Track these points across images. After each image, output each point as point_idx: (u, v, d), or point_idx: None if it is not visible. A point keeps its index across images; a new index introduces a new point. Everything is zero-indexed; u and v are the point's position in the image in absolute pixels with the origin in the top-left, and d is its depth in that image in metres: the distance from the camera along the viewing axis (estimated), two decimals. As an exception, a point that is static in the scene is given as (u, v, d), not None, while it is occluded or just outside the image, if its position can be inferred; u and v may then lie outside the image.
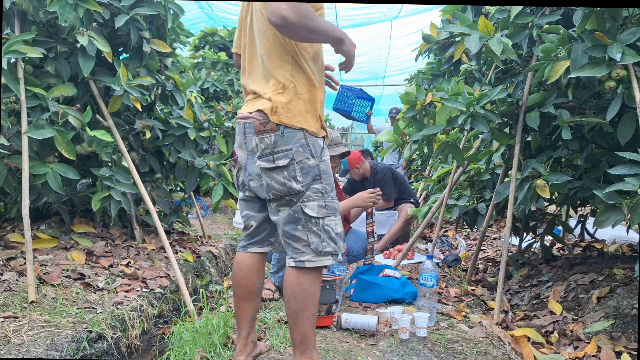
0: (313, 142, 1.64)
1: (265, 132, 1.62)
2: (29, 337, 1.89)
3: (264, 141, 1.62)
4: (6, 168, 2.55)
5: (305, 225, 1.63)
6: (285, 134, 1.61)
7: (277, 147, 1.62)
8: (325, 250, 1.63)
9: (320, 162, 1.65)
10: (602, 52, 2.17)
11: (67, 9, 2.61)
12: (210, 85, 6.51)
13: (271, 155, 1.62)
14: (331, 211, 1.65)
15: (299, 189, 1.61)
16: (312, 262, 1.63)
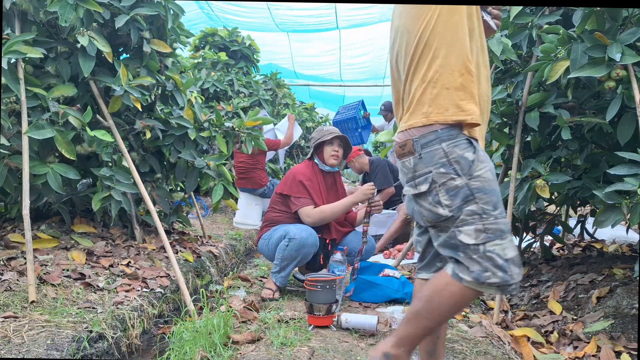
0: (457, 157, 1.43)
1: (404, 156, 1.50)
2: (30, 337, 1.90)
3: (405, 165, 1.51)
4: (6, 168, 2.55)
5: (465, 252, 1.41)
6: (424, 156, 1.45)
7: (416, 170, 1.47)
8: (489, 281, 1.38)
9: (471, 180, 1.41)
10: (601, 52, 2.18)
11: (68, 9, 2.62)
12: (210, 85, 6.52)
13: (413, 181, 1.49)
14: (495, 234, 1.39)
15: (447, 214, 1.42)
16: (470, 284, 1.41)
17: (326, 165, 3.00)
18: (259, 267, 3.71)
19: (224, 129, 3.64)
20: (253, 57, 7.74)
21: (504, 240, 1.39)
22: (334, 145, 2.99)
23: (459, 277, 1.41)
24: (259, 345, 2.05)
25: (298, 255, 2.73)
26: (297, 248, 2.71)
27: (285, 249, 2.73)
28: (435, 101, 1.45)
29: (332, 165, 3.02)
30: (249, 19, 8.39)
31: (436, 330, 1.60)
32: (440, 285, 1.45)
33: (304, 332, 2.19)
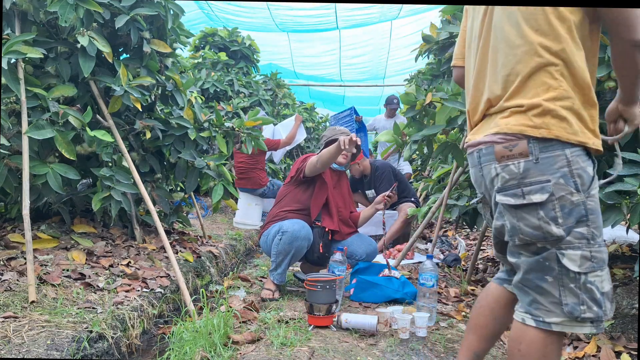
0: (579, 169, 1.26)
1: (511, 158, 1.30)
2: (30, 337, 1.90)
3: (509, 169, 1.31)
4: (6, 168, 2.55)
5: (558, 278, 1.27)
6: (541, 160, 1.27)
7: (527, 177, 1.28)
8: (584, 316, 1.24)
9: (588, 198, 1.27)
10: (601, 52, 2.17)
11: (68, 10, 2.62)
12: (210, 85, 6.52)
13: (519, 188, 1.29)
14: (598, 264, 1.26)
15: (560, 234, 1.26)
16: (563, 326, 1.27)
17: (334, 163, 3.05)
18: (259, 267, 3.71)
19: (224, 129, 3.64)
20: (253, 57, 7.75)
21: (604, 272, 1.27)
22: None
23: (547, 324, 1.27)
24: (259, 346, 2.05)
25: (291, 248, 2.74)
26: (289, 241, 2.73)
27: (279, 243, 2.76)
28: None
29: (340, 163, 3.07)
30: (249, 19, 8.39)
31: (489, 335, 1.52)
32: (530, 339, 1.29)
33: (304, 332, 2.19)
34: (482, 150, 1.37)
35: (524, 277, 1.33)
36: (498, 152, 1.32)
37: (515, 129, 1.30)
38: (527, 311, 1.32)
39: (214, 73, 6.78)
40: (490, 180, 1.37)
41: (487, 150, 1.35)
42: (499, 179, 1.33)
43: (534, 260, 1.30)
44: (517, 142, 1.29)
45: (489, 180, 1.37)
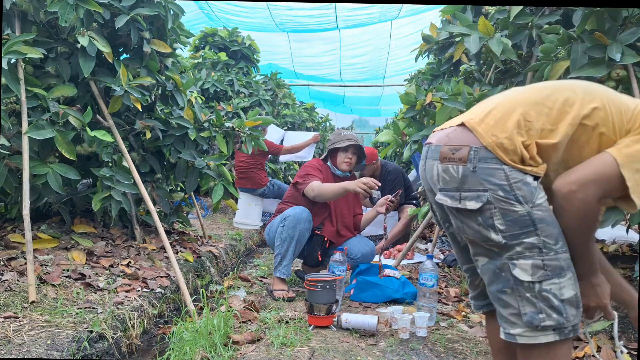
0: (518, 181, 1.28)
1: (451, 161, 1.33)
2: (30, 337, 1.90)
3: (449, 172, 1.34)
4: (7, 168, 2.55)
5: (514, 289, 1.29)
6: (478, 170, 1.29)
7: (464, 183, 1.32)
8: (544, 324, 1.26)
9: (534, 208, 1.28)
10: (601, 53, 2.18)
11: (68, 10, 2.62)
12: (210, 85, 6.52)
13: (458, 192, 1.32)
14: (554, 272, 1.26)
15: (499, 240, 1.28)
16: (526, 338, 1.28)
17: (338, 169, 3.04)
18: (259, 267, 3.71)
19: (224, 129, 3.64)
20: (253, 57, 7.74)
21: (562, 279, 1.27)
22: (348, 152, 3.01)
23: (512, 335, 1.30)
24: (259, 346, 2.05)
25: (295, 232, 2.75)
26: (292, 225, 2.74)
27: (282, 230, 2.78)
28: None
29: (343, 170, 3.04)
30: (249, 19, 8.39)
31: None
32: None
33: (304, 332, 2.19)
34: (432, 147, 1.40)
35: (489, 291, 1.36)
36: (442, 153, 1.35)
37: (462, 137, 1.34)
38: (500, 325, 1.36)
39: (214, 73, 6.78)
40: (431, 177, 1.40)
41: (435, 148, 1.38)
42: (440, 179, 1.36)
43: (491, 268, 1.33)
44: (459, 147, 1.32)
45: (430, 177, 1.41)
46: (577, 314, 1.28)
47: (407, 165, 6.97)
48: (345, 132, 3.10)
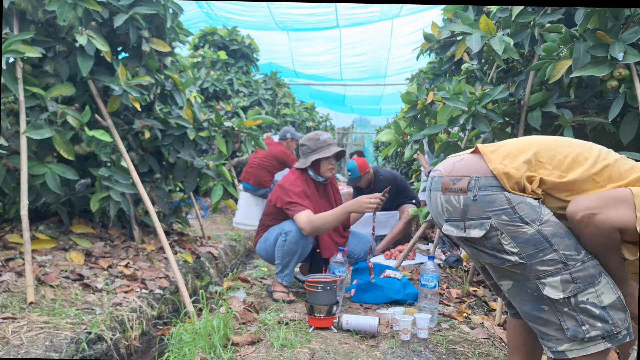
0: (520, 202, 1.31)
1: (452, 192, 1.37)
2: (28, 338, 1.88)
3: (451, 202, 1.37)
4: (5, 168, 2.54)
5: (552, 305, 1.28)
6: (479, 198, 1.32)
7: (467, 212, 1.34)
8: (590, 335, 1.24)
9: (542, 226, 1.29)
10: (604, 52, 2.16)
11: (66, 8, 2.60)
12: (209, 84, 6.51)
13: (462, 222, 1.36)
14: (585, 282, 1.25)
15: (516, 260, 1.29)
16: (576, 352, 1.26)
17: (321, 177, 2.88)
18: (258, 268, 3.70)
19: (223, 128, 3.63)
20: (253, 56, 7.73)
21: (598, 286, 1.25)
22: (330, 158, 2.84)
23: (561, 352, 1.27)
24: (259, 347, 2.04)
25: (297, 247, 2.69)
26: (295, 240, 2.67)
27: (284, 244, 2.70)
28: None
29: (327, 177, 2.89)
30: (248, 18, 8.38)
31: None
32: None
33: (305, 334, 2.18)
34: (435, 178, 1.43)
35: (523, 311, 1.35)
36: (443, 183, 1.38)
37: (466, 168, 1.38)
38: (544, 344, 1.35)
39: (213, 72, 6.76)
40: (435, 207, 1.43)
41: (437, 179, 1.42)
42: (444, 209, 1.39)
43: (522, 292, 1.33)
44: (460, 178, 1.35)
45: (435, 207, 1.43)
46: (626, 317, 1.26)
47: (409, 165, 6.95)
48: (324, 136, 2.87)
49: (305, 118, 9.17)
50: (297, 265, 3.24)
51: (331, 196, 3.00)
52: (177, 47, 3.57)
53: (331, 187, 3.03)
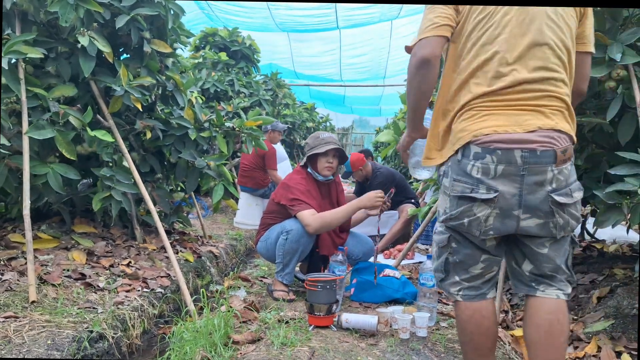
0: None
1: (565, 162, 1.46)
2: (30, 337, 1.90)
3: (563, 172, 1.47)
4: (7, 168, 2.55)
5: (567, 257, 1.55)
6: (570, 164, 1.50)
7: (570, 177, 1.50)
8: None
9: None
10: (602, 52, 2.17)
11: (68, 10, 2.62)
12: (210, 85, 6.52)
13: (567, 188, 1.47)
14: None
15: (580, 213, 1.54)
16: (569, 295, 1.57)
17: (319, 175, 2.89)
18: (259, 267, 3.71)
19: (224, 129, 3.64)
20: (253, 57, 7.75)
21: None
22: (328, 156, 2.85)
23: (568, 294, 1.54)
24: (259, 345, 2.05)
25: (299, 246, 2.70)
26: (296, 239, 2.68)
27: (284, 243, 2.71)
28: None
29: (325, 176, 2.90)
30: (249, 19, 8.40)
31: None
32: (565, 312, 1.52)
33: (305, 332, 2.19)
34: (537, 152, 1.42)
35: (556, 265, 1.52)
36: (558, 156, 1.43)
37: (563, 136, 1.48)
38: (559, 288, 1.54)
39: (214, 73, 6.78)
40: (535, 182, 1.44)
41: (543, 153, 1.43)
42: (554, 180, 1.44)
43: (561, 247, 1.52)
44: (566, 148, 1.45)
45: (534, 182, 1.44)
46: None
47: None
48: (324, 135, 2.92)
49: (305, 119, 9.19)
50: (297, 265, 3.25)
51: (334, 196, 3.00)
52: (179, 48, 3.59)
53: (335, 188, 3.03)
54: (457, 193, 1.50)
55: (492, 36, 1.49)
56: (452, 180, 1.53)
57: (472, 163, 1.47)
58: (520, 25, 1.48)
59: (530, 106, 1.46)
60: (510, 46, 1.47)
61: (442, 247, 1.61)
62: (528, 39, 1.47)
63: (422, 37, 1.53)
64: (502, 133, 1.43)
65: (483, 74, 1.50)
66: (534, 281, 1.56)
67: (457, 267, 1.59)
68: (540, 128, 1.43)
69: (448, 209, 1.56)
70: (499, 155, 1.43)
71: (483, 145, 1.45)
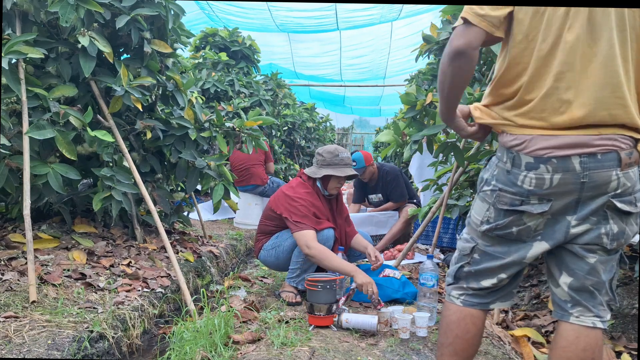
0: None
1: (631, 166, 1.34)
2: (30, 336, 1.90)
3: (630, 177, 1.34)
4: (7, 168, 2.56)
5: (613, 277, 1.41)
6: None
7: (637, 184, 1.36)
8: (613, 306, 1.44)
9: None
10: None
11: (68, 10, 2.62)
12: (211, 85, 6.53)
13: (632, 196, 1.35)
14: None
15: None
16: (607, 323, 1.41)
17: (326, 191, 2.87)
18: (259, 267, 3.72)
19: (224, 129, 3.64)
20: (253, 57, 7.75)
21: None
22: (341, 178, 2.81)
23: (605, 321, 1.40)
24: (259, 345, 2.05)
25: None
26: (322, 244, 2.63)
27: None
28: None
29: (332, 194, 2.88)
30: (249, 20, 8.40)
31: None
32: (599, 343, 1.37)
33: (305, 332, 2.19)
34: (600, 156, 1.32)
35: (599, 280, 1.38)
36: (623, 160, 1.32)
37: (626, 139, 1.35)
38: (596, 314, 1.39)
39: (214, 73, 6.78)
40: (599, 185, 1.33)
41: (606, 156, 1.32)
42: (619, 185, 1.33)
43: (609, 264, 1.40)
44: (632, 150, 1.33)
45: (596, 185, 1.33)
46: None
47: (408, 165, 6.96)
48: (343, 155, 2.82)
49: (305, 119, 9.19)
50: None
51: (334, 209, 2.97)
52: (179, 49, 3.59)
53: (335, 199, 3.00)
54: (505, 205, 1.40)
55: None
56: (497, 189, 1.42)
57: (524, 174, 1.36)
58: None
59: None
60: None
61: (463, 255, 1.54)
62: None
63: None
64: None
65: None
66: (570, 301, 1.41)
67: (470, 277, 1.52)
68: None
69: (492, 218, 1.44)
70: (555, 164, 1.33)
71: (535, 154, 1.35)
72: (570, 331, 1.39)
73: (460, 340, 1.52)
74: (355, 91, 13.62)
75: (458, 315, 1.53)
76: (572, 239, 1.38)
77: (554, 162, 1.33)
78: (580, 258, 1.39)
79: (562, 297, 1.43)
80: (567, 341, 1.38)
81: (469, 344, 1.52)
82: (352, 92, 13.72)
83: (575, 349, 1.36)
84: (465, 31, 1.35)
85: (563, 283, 1.42)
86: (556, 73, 1.33)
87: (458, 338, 1.52)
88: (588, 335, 1.36)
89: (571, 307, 1.41)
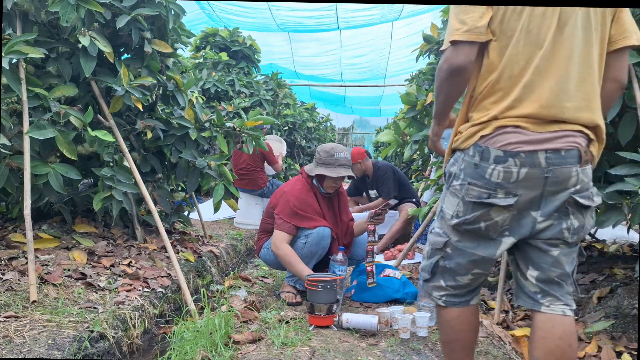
0: None
1: (588, 163, 1.41)
2: (31, 336, 1.90)
3: (587, 173, 1.41)
4: (8, 168, 2.56)
5: (575, 268, 1.47)
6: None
7: (590, 179, 1.43)
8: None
9: None
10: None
11: (69, 10, 2.62)
12: (211, 85, 6.53)
13: (589, 191, 1.42)
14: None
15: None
16: (574, 311, 1.47)
17: (323, 189, 2.87)
18: (259, 267, 3.72)
19: (225, 129, 3.64)
20: (254, 57, 7.75)
21: None
22: (335, 179, 2.80)
23: (573, 310, 1.45)
24: (260, 345, 2.05)
25: (318, 249, 2.69)
26: (316, 242, 2.68)
27: (303, 247, 2.69)
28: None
29: (329, 193, 2.88)
30: (250, 19, 8.40)
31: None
32: (572, 329, 1.42)
33: (305, 332, 2.19)
34: (564, 152, 1.37)
35: (565, 272, 1.45)
36: (583, 156, 1.38)
37: (581, 138, 1.40)
38: (564, 303, 1.45)
39: (215, 73, 6.79)
40: (560, 181, 1.38)
41: (568, 154, 1.37)
42: (579, 181, 1.39)
43: (571, 256, 1.45)
44: (587, 149, 1.40)
45: (559, 181, 1.38)
46: None
47: (408, 165, 6.96)
48: (339, 155, 2.78)
49: (305, 118, 9.19)
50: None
51: (336, 206, 2.96)
52: (179, 48, 3.59)
53: (337, 198, 2.99)
54: (473, 198, 1.43)
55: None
56: (465, 183, 1.45)
57: (492, 167, 1.40)
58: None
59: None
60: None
61: (436, 249, 1.56)
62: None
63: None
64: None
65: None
66: (539, 292, 1.46)
67: (445, 272, 1.54)
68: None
69: (461, 212, 1.47)
70: (522, 158, 1.38)
71: (504, 148, 1.39)
72: (545, 321, 1.45)
73: (466, 333, 1.58)
74: (356, 91, 13.62)
75: (452, 314, 1.57)
76: (536, 234, 1.44)
77: (521, 157, 1.37)
78: (544, 252, 1.45)
79: (532, 289, 1.48)
80: (544, 331, 1.44)
81: (466, 338, 1.57)
82: (353, 92, 13.72)
83: (553, 337, 1.42)
84: (461, 49, 1.41)
85: (530, 276, 1.48)
86: (521, 70, 1.39)
87: (464, 332, 1.58)
88: (563, 323, 1.42)
89: (541, 297, 1.46)
